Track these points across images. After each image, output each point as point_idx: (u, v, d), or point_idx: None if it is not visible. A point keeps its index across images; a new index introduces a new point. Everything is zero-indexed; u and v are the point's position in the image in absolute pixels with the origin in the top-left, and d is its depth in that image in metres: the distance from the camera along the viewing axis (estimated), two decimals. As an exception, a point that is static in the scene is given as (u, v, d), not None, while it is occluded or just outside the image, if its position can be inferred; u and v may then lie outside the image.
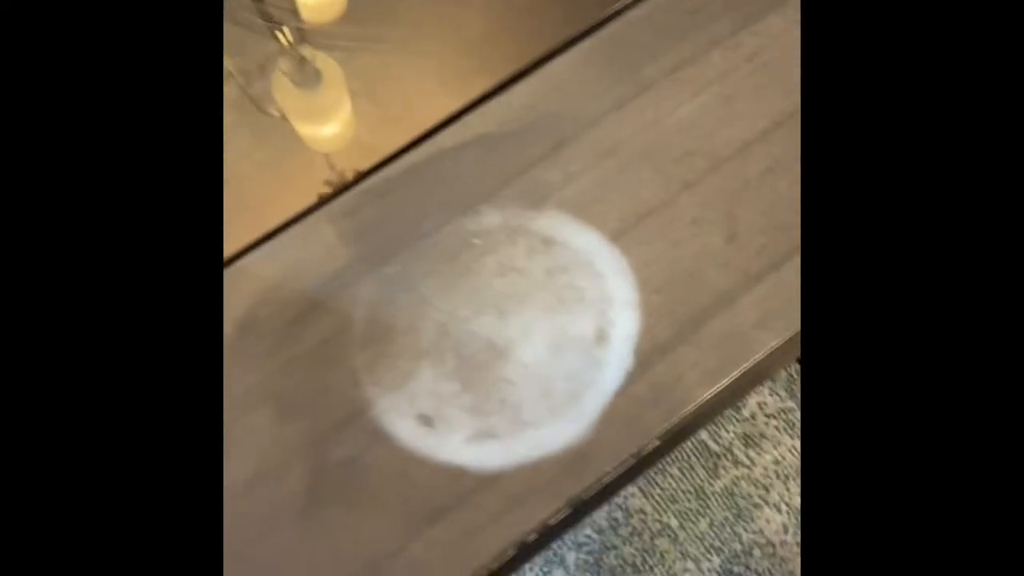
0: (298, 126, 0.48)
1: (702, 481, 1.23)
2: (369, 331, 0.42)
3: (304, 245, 0.45)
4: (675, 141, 0.45)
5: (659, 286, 0.42)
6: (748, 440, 1.21)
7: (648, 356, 0.40)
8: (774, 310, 0.40)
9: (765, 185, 0.43)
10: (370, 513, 0.39)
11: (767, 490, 1.22)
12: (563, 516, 0.38)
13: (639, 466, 0.39)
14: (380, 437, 0.40)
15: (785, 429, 1.24)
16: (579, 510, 0.38)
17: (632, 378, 0.40)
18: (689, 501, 1.22)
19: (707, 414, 0.40)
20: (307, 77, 0.47)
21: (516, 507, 0.38)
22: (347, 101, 0.48)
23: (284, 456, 0.40)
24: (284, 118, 0.48)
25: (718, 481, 1.23)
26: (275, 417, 0.41)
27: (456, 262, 0.43)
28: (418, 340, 0.42)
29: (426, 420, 0.40)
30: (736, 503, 1.21)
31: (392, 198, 0.46)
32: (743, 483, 1.22)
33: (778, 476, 1.22)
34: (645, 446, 0.39)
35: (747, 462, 1.23)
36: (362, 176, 0.46)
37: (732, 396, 0.40)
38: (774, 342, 0.40)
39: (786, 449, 1.24)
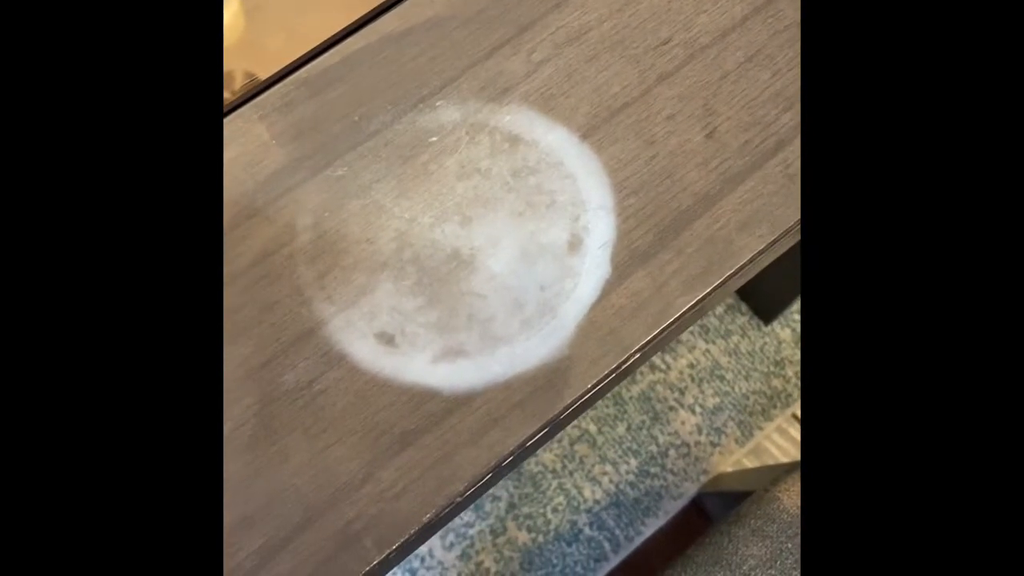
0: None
1: (619, 387, 1.24)
2: (317, 242, 0.38)
3: (233, 144, 0.39)
4: (649, 27, 0.41)
5: (635, 188, 0.38)
6: (664, 345, 1.21)
7: (626, 264, 0.37)
8: (758, 212, 0.38)
9: (744, 77, 0.40)
10: (331, 441, 0.35)
11: (682, 393, 1.24)
12: (540, 436, 0.36)
13: (617, 380, 0.37)
14: (336, 359, 0.36)
15: (700, 334, 1.26)
16: (553, 428, 0.35)
17: (610, 288, 0.37)
18: (607, 407, 1.23)
19: (685, 324, 0.37)
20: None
21: (492, 429, 0.35)
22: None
23: (226, 383, 0.36)
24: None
25: (635, 386, 1.24)
26: (213, 340, 0.36)
27: (411, 163, 0.39)
28: (374, 251, 0.37)
29: (387, 339, 0.36)
30: (652, 407, 1.23)
31: (332, 91, 0.40)
32: (659, 387, 1.24)
33: (693, 379, 1.25)
34: (625, 361, 0.36)
35: (663, 367, 1.24)
36: (296, 66, 0.40)
37: (710, 304, 0.38)
38: (759, 246, 0.37)
39: (700, 353, 1.26)
